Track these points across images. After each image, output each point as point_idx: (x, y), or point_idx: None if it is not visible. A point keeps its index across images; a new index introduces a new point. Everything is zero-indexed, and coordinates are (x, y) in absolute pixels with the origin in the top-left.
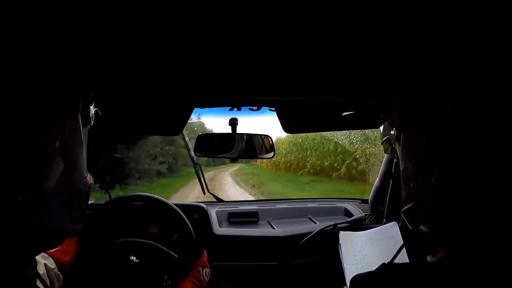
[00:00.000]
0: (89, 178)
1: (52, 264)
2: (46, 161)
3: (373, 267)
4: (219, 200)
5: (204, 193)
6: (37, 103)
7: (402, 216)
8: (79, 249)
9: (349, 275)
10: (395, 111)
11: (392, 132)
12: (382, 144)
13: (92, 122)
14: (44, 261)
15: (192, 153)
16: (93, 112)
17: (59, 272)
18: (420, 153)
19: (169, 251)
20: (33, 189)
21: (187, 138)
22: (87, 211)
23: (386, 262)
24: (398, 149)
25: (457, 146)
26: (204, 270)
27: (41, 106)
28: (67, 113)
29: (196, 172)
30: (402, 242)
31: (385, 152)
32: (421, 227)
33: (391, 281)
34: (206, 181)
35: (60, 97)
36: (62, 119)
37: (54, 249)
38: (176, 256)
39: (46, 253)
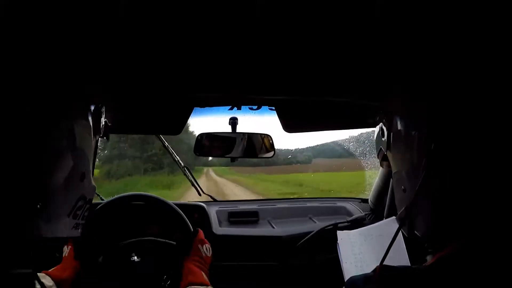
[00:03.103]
0: (94, 183)
1: (49, 282)
2: (58, 172)
3: (372, 265)
4: (218, 200)
5: (199, 194)
6: (52, 115)
7: (398, 223)
8: (78, 263)
9: (348, 274)
10: (388, 112)
11: (384, 138)
12: (377, 156)
13: (102, 133)
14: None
15: (177, 157)
16: (103, 123)
17: None
18: (410, 155)
19: (166, 240)
20: (43, 198)
21: (166, 144)
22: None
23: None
24: (389, 153)
25: (448, 149)
26: (204, 246)
27: (56, 119)
28: (79, 125)
29: (186, 175)
30: (402, 239)
31: (380, 166)
32: (415, 231)
33: (386, 283)
34: None
35: (71, 107)
36: (75, 131)
37: (52, 268)
38: (174, 243)
39: (42, 272)
